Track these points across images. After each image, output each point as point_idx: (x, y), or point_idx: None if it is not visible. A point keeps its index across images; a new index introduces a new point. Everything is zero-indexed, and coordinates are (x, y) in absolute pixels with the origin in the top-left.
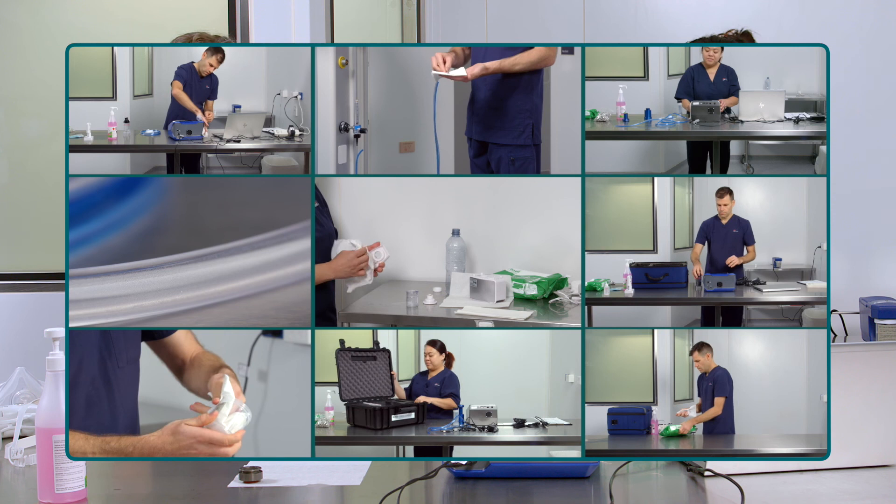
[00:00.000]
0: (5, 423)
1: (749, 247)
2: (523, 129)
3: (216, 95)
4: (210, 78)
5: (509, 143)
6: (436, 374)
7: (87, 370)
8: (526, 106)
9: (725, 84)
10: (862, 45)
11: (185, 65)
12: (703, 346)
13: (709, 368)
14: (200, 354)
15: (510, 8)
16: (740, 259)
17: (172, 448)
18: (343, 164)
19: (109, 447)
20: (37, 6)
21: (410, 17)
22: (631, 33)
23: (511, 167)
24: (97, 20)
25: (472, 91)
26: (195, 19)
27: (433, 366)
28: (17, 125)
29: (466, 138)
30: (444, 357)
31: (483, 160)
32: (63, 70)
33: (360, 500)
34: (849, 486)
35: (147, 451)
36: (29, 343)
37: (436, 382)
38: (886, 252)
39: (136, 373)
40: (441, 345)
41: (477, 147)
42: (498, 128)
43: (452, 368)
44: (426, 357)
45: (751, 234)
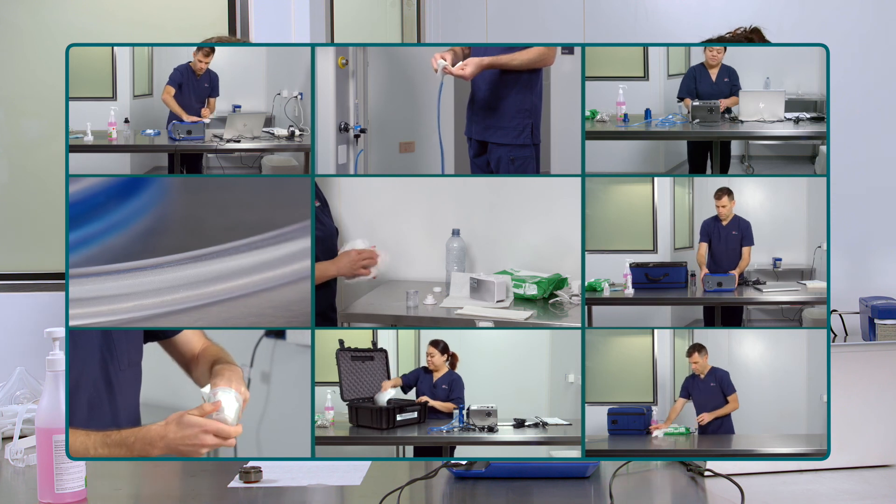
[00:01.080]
0: (5, 423)
1: (745, 248)
2: (523, 128)
3: (217, 92)
4: (208, 75)
5: (509, 143)
6: (441, 376)
7: (89, 372)
8: (525, 105)
9: (727, 84)
10: (862, 45)
11: (181, 66)
12: (700, 347)
13: (705, 370)
14: (206, 348)
15: (510, 8)
16: (713, 414)
17: (176, 437)
18: (343, 164)
19: (111, 440)
20: (37, 6)
21: (410, 17)
22: (631, 33)
23: (511, 167)
24: (97, 20)
25: (472, 90)
26: (195, 19)
27: (435, 366)
28: (17, 125)
29: (466, 138)
30: (446, 358)
31: (483, 160)
32: (63, 70)
33: (360, 500)
34: (849, 486)
35: (149, 441)
36: (29, 343)
37: (443, 384)
38: (886, 252)
39: (138, 375)
40: (444, 345)
41: (477, 147)
42: (497, 127)
43: (457, 369)
44: (428, 357)
45: (750, 236)
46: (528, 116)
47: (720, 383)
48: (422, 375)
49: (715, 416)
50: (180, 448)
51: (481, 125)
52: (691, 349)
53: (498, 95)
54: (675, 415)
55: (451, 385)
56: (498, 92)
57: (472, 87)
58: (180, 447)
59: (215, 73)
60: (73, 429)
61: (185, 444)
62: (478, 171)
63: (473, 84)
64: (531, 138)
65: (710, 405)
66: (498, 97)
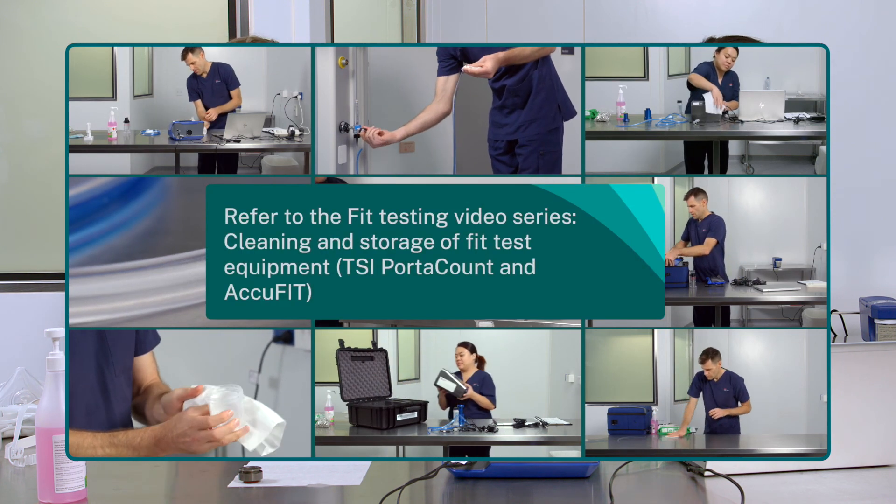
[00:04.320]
0: (5, 423)
1: (708, 239)
2: (553, 115)
3: (236, 81)
4: (216, 71)
5: (544, 131)
6: (471, 375)
7: (87, 376)
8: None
9: (731, 89)
10: (862, 45)
11: (189, 77)
12: (714, 353)
13: (719, 375)
14: (155, 384)
15: (510, 8)
16: (685, 251)
17: (172, 436)
18: (343, 164)
19: (117, 440)
20: (37, 6)
21: (410, 17)
22: (631, 33)
23: (540, 161)
24: (97, 20)
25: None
26: (195, 19)
27: (464, 366)
28: (17, 125)
29: (490, 142)
30: (475, 358)
31: (508, 157)
32: (63, 70)
33: (360, 500)
34: (849, 486)
35: (154, 442)
36: (29, 343)
37: (474, 383)
38: (886, 252)
39: (129, 382)
40: (472, 346)
41: (504, 146)
42: (530, 121)
43: (485, 370)
44: (457, 357)
45: (718, 230)
46: (553, 101)
47: (735, 390)
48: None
49: (728, 414)
50: (180, 447)
51: (513, 126)
52: (705, 355)
53: (527, 94)
54: (690, 415)
55: (483, 382)
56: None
57: (503, 94)
58: (180, 446)
59: (226, 65)
60: (78, 431)
61: (183, 441)
62: (503, 168)
63: (503, 91)
64: (561, 118)
65: (721, 407)
66: (527, 95)
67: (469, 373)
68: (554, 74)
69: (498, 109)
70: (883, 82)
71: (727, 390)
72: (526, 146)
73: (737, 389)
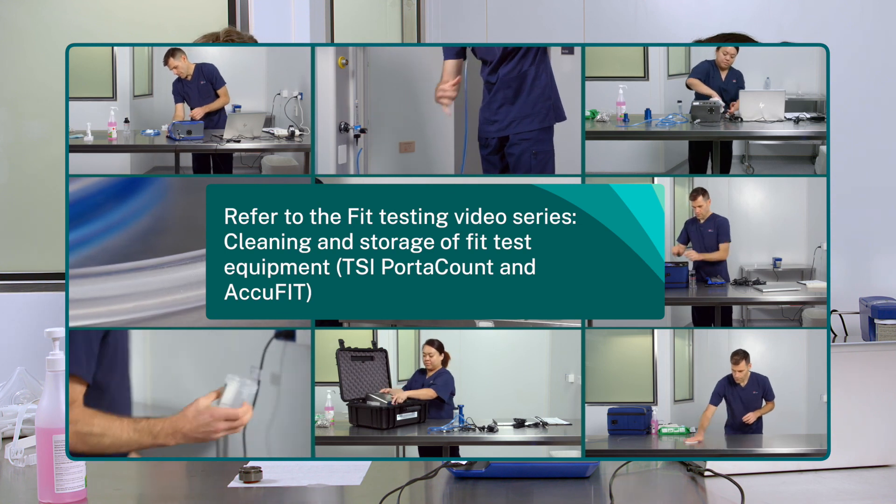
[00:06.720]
0: (5, 423)
1: (722, 244)
2: (546, 112)
3: (222, 80)
4: (200, 72)
5: (535, 129)
6: (433, 374)
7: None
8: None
9: (735, 86)
10: (862, 45)
11: (174, 80)
12: (746, 354)
13: (747, 378)
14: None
15: (510, 8)
16: (701, 255)
17: (191, 427)
18: (343, 164)
19: (140, 426)
20: (37, 6)
21: (410, 17)
22: (631, 33)
23: (532, 161)
24: (97, 20)
25: (493, 90)
26: (195, 19)
27: (432, 366)
28: (17, 125)
29: (480, 140)
30: (443, 357)
31: (497, 157)
32: (63, 70)
33: (360, 500)
34: (849, 486)
35: (170, 431)
36: (29, 343)
37: (431, 381)
38: (886, 252)
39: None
40: (439, 344)
41: (495, 144)
42: (521, 117)
43: (448, 367)
44: (426, 357)
45: (726, 232)
46: (548, 98)
47: (763, 391)
48: (417, 376)
49: (759, 415)
50: (196, 436)
51: (504, 122)
52: (738, 356)
53: (520, 87)
54: (707, 423)
55: (439, 379)
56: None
57: (495, 86)
58: (196, 435)
59: (209, 64)
60: (107, 413)
61: (200, 431)
62: (490, 167)
63: (494, 84)
64: (554, 118)
65: (749, 409)
66: (520, 88)
67: (434, 371)
68: (551, 73)
69: (488, 105)
70: (883, 82)
71: (756, 392)
72: (517, 145)
73: (765, 389)
